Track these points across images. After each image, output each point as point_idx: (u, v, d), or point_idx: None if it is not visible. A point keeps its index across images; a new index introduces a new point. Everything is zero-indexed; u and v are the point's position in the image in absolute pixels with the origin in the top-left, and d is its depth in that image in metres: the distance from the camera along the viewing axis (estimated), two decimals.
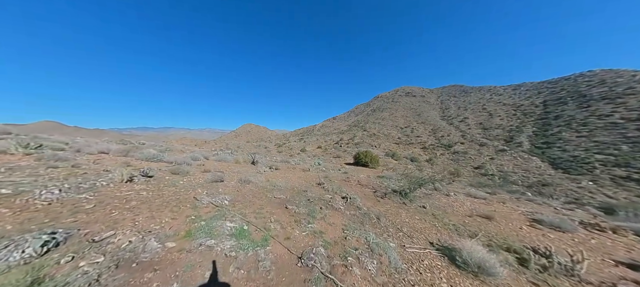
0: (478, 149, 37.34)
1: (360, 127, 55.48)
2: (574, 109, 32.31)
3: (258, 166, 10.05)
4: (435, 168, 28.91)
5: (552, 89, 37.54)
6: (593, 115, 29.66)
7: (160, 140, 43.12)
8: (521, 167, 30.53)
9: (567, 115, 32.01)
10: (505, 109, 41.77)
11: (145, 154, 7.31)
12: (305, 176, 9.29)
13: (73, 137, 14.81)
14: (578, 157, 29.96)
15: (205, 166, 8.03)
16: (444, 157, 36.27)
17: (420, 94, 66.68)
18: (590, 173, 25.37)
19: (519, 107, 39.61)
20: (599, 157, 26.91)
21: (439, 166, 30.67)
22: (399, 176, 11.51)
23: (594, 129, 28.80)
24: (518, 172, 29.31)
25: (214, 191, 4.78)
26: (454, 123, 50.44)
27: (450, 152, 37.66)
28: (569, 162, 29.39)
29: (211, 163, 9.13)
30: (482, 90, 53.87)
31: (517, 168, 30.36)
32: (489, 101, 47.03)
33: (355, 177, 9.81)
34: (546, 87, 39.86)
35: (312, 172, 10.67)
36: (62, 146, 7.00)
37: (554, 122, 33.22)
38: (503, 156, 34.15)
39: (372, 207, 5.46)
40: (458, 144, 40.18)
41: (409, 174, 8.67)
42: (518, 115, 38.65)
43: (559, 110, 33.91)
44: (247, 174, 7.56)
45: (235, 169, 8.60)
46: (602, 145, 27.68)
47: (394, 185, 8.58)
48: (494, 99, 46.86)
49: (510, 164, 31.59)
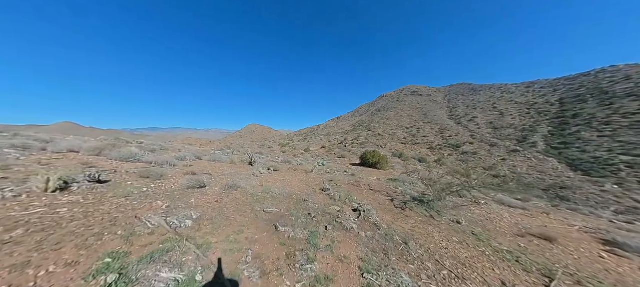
0: (488, 149, 35.29)
1: (365, 127, 53.92)
2: (595, 107, 29.96)
3: (255, 167, 8.81)
4: (445, 169, 27.14)
5: (570, 86, 35.01)
6: (617, 114, 27.35)
7: (165, 140, 42.61)
8: (536, 168, 28.45)
9: (587, 114, 29.69)
10: (518, 108, 39.48)
11: (122, 153, 6.15)
12: (308, 179, 7.98)
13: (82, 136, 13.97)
14: (600, 158, 27.65)
15: (192, 167, 6.82)
16: (452, 158, 34.43)
17: (426, 93, 64.42)
18: (614, 175, 23.18)
19: (532, 105, 37.27)
20: (625, 158, 24.61)
21: (448, 167, 28.89)
22: (414, 179, 10.08)
23: (619, 128, 26.50)
24: (533, 173, 27.28)
25: (181, 203, 3.52)
26: (462, 122, 48.30)
27: (459, 152, 35.75)
28: (590, 163, 27.14)
29: (201, 164, 7.93)
30: (492, 89, 51.37)
31: (531, 169, 28.29)
32: (499, 99, 44.64)
33: (365, 181, 8.44)
34: (563, 84, 37.27)
35: (315, 174, 9.35)
36: (29, 143, 5.92)
37: (572, 121, 30.94)
38: (516, 156, 32.03)
39: (394, 223, 4.09)
40: (467, 144, 38.19)
41: (431, 178, 7.24)
42: (532, 114, 36.39)
43: (578, 108, 31.56)
44: (238, 178, 6.30)
45: (227, 170, 7.37)
46: (627, 145, 25.38)
47: (411, 190, 7.17)
48: (505, 98, 44.47)
49: (524, 165, 29.51)
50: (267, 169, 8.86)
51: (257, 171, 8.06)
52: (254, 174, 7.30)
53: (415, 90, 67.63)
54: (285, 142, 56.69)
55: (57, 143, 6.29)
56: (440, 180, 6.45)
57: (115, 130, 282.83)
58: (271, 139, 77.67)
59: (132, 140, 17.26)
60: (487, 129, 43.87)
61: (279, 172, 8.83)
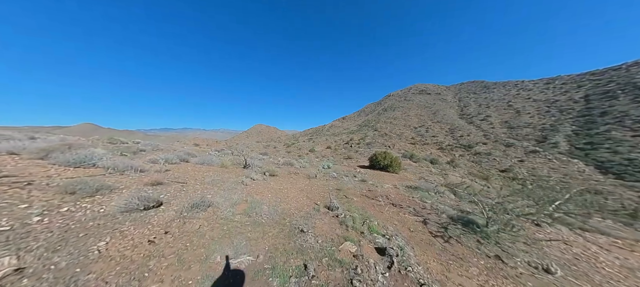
0: (504, 150, 32.57)
1: (371, 127, 51.83)
2: (628, 104, 26.80)
3: (248, 172, 7.25)
4: (460, 171, 24.85)
5: (597, 81, 31.63)
6: None
7: (174, 140, 42.01)
8: (559, 171, 25.69)
9: (618, 112, 26.60)
10: (536, 106, 36.40)
11: (75, 157, 4.72)
12: (310, 187, 6.35)
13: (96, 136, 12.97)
14: (635, 160, 24.58)
15: (166, 174, 5.33)
16: (464, 159, 31.97)
17: (435, 91, 61.33)
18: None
19: (553, 103, 34.12)
20: None
21: (462, 169, 26.54)
22: (436, 185, 8.23)
23: None
24: (554, 176, 24.53)
25: (70, 251, 1.96)
26: (474, 122, 45.45)
27: (471, 153, 33.21)
28: (623, 166, 24.14)
29: (182, 169, 6.43)
30: (506, 86, 47.95)
31: (553, 172, 25.55)
32: (515, 97, 41.43)
33: (380, 190, 6.71)
34: (588, 79, 33.78)
35: (319, 179, 7.70)
36: None
37: (600, 119, 27.88)
38: (535, 157, 29.24)
39: (447, 278, 2.38)
40: (480, 144, 35.53)
41: (470, 187, 5.42)
42: (552, 112, 33.35)
43: (607, 105, 28.42)
44: (218, 189, 4.73)
45: (211, 177, 5.83)
46: None
47: (443, 205, 5.38)
48: (521, 95, 41.25)
49: (544, 167, 26.76)
50: (263, 174, 7.28)
51: (249, 176, 6.48)
52: (242, 182, 5.72)
53: (423, 88, 64.66)
54: (290, 142, 55.36)
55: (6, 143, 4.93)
56: (477, 189, 4.64)
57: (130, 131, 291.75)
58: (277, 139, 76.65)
59: (128, 140, 16.10)
60: (502, 129, 40.98)
61: (276, 178, 7.23)
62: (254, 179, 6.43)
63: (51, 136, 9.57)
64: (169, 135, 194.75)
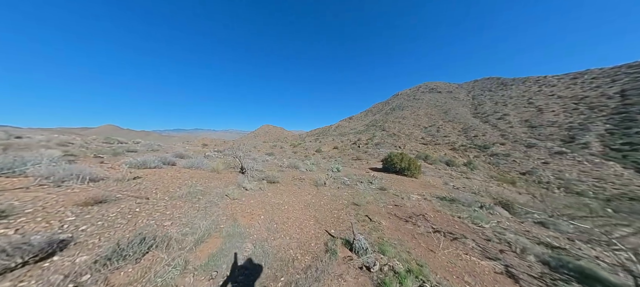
0: (524, 150, 29.70)
1: (379, 126, 49.68)
2: None
3: (243, 178, 5.76)
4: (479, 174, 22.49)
5: (635, 75, 28.00)
6: None
7: (184, 140, 41.58)
8: (591, 174, 22.72)
9: None
10: (562, 103, 33.09)
11: (5, 161, 3.39)
12: (318, 200, 4.76)
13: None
14: None
15: (135, 184, 3.91)
16: (479, 160, 29.37)
17: (446, 89, 57.95)
18: None
19: (582, 99, 30.69)
20: None
21: (481, 171, 24.12)
22: (476, 198, 6.42)
23: None
24: (586, 180, 21.64)
25: None
26: (490, 121, 42.42)
27: (487, 154, 30.53)
28: None
29: (158, 175, 5.01)
30: (526, 82, 44.17)
31: (584, 175, 22.60)
32: (537, 94, 37.98)
33: (408, 204, 5.02)
34: (624, 72, 30.04)
35: (328, 188, 6.10)
36: None
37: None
38: (561, 159, 26.27)
39: None
40: (497, 145, 32.71)
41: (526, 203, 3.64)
42: (581, 109, 30.09)
43: None
44: (190, 206, 3.23)
45: (189, 187, 4.36)
46: None
47: (504, 228, 3.62)
48: (544, 91, 37.77)
49: (573, 170, 23.85)
50: (260, 181, 5.76)
51: (241, 185, 4.97)
52: (228, 195, 4.20)
53: (433, 87, 61.46)
54: (296, 142, 54.11)
55: None
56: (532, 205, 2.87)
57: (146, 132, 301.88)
58: (283, 139, 75.76)
59: (128, 140, 15.10)
60: (522, 128, 37.85)
61: (276, 186, 5.69)
62: (247, 190, 4.91)
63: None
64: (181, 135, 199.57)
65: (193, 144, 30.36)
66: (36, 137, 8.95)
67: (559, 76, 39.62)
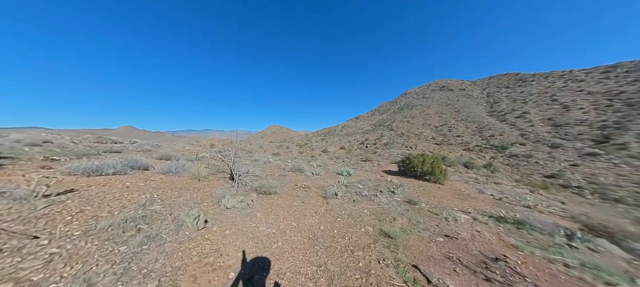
0: (549, 151, 26.78)
1: (386, 126, 47.46)
2: None
3: (230, 187, 4.28)
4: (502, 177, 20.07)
5: None
6: None
7: (194, 140, 41.32)
8: (630, 178, 19.70)
9: None
10: (592, 99, 29.75)
11: None
12: (328, 223, 3.22)
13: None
14: None
15: (58, 205, 2.51)
16: (496, 162, 26.70)
17: (458, 87, 54.54)
18: None
19: (617, 95, 27.36)
20: None
21: (503, 174, 21.63)
22: (537, 213, 4.62)
23: None
24: (625, 185, 18.69)
25: None
26: (507, 119, 39.31)
27: (505, 155, 27.78)
28: None
29: (107, 186, 3.60)
30: (549, 77, 40.39)
31: (623, 180, 19.60)
32: (562, 90, 34.53)
33: (459, 228, 3.33)
34: None
35: (340, 201, 4.49)
36: None
37: None
38: (594, 161, 23.21)
39: None
40: (516, 145, 29.84)
41: None
42: (617, 105, 26.80)
43: None
44: (110, 258, 1.72)
45: (137, 206, 2.90)
46: None
47: None
48: (570, 87, 34.31)
49: (608, 174, 20.85)
50: (250, 192, 4.23)
51: (220, 201, 3.45)
52: (189, 222, 2.68)
53: (444, 84, 58.12)
54: (303, 142, 52.83)
55: None
56: None
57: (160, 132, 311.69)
58: (289, 140, 74.85)
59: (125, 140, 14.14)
60: (545, 127, 34.62)
61: (271, 200, 4.16)
62: (228, 208, 3.39)
63: None
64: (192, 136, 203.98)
65: (201, 144, 29.59)
66: (12, 135, 7.82)
67: (586, 70, 35.79)
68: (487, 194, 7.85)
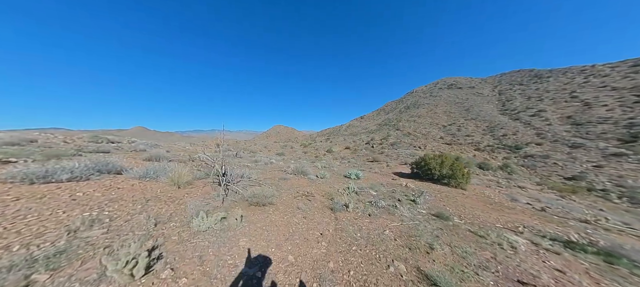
0: (568, 152, 24.75)
1: (392, 126, 45.89)
2: None
3: (218, 198, 3.30)
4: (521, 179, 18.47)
5: None
6: None
7: (201, 140, 41.18)
8: None
9: None
10: (618, 95, 27.43)
11: None
12: (340, 254, 2.11)
13: None
14: None
15: None
16: (511, 162, 24.87)
17: (468, 85, 52.15)
18: None
19: None
20: None
21: (521, 176, 19.96)
22: (602, 231, 3.37)
23: None
24: None
25: None
26: (521, 118, 37.17)
27: (520, 155, 25.90)
28: None
29: (53, 196, 2.70)
30: (568, 73, 37.72)
31: None
32: (582, 86, 32.12)
33: (526, 265, 2.20)
34: None
35: (353, 215, 3.41)
36: None
37: None
38: (620, 162, 21.13)
39: None
40: (531, 145, 27.86)
41: None
42: None
43: None
44: None
45: (67, 234, 1.96)
46: None
47: None
48: (592, 83, 31.85)
49: (638, 176, 18.80)
50: (236, 204, 3.23)
51: (192, 221, 2.45)
52: (126, 263, 1.68)
53: (452, 82, 55.82)
54: (307, 142, 51.95)
55: None
56: None
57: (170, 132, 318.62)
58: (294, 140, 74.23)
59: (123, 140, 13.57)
60: (563, 125, 32.40)
61: (264, 215, 3.13)
62: (201, 231, 2.38)
63: None
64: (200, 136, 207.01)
65: (207, 144, 29.10)
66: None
67: (612, 64, 33.09)
68: (521, 202, 6.59)
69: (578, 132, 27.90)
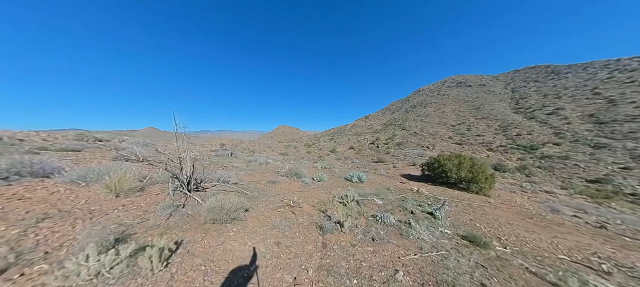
0: (591, 152, 22.51)
1: (398, 125, 44.14)
2: None
3: (169, 209, 2.27)
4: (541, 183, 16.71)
5: None
6: None
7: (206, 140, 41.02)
8: None
9: None
10: None
11: None
12: None
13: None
14: None
15: None
16: (527, 164, 22.87)
17: (478, 82, 49.58)
18: None
19: None
20: None
21: (539, 178, 18.11)
22: None
23: None
24: None
25: None
26: (537, 116, 34.80)
27: (536, 156, 23.82)
28: None
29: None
30: (589, 68, 34.93)
31: None
32: (606, 82, 29.53)
33: None
34: None
35: (349, 242, 2.26)
36: None
37: None
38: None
39: None
40: (549, 145, 25.68)
41: None
42: None
43: None
44: None
45: None
46: None
47: None
48: (616, 78, 29.23)
49: None
50: (188, 225, 2.15)
51: (70, 268, 1.40)
52: None
53: (461, 80, 53.32)
54: (311, 142, 50.95)
55: None
56: None
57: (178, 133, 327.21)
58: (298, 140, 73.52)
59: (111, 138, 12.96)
60: (585, 124, 29.91)
61: (222, 237, 2.10)
62: (81, 282, 1.31)
63: None
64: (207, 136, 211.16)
65: (211, 144, 28.65)
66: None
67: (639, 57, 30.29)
68: (566, 214, 5.21)
69: (602, 132, 25.53)
